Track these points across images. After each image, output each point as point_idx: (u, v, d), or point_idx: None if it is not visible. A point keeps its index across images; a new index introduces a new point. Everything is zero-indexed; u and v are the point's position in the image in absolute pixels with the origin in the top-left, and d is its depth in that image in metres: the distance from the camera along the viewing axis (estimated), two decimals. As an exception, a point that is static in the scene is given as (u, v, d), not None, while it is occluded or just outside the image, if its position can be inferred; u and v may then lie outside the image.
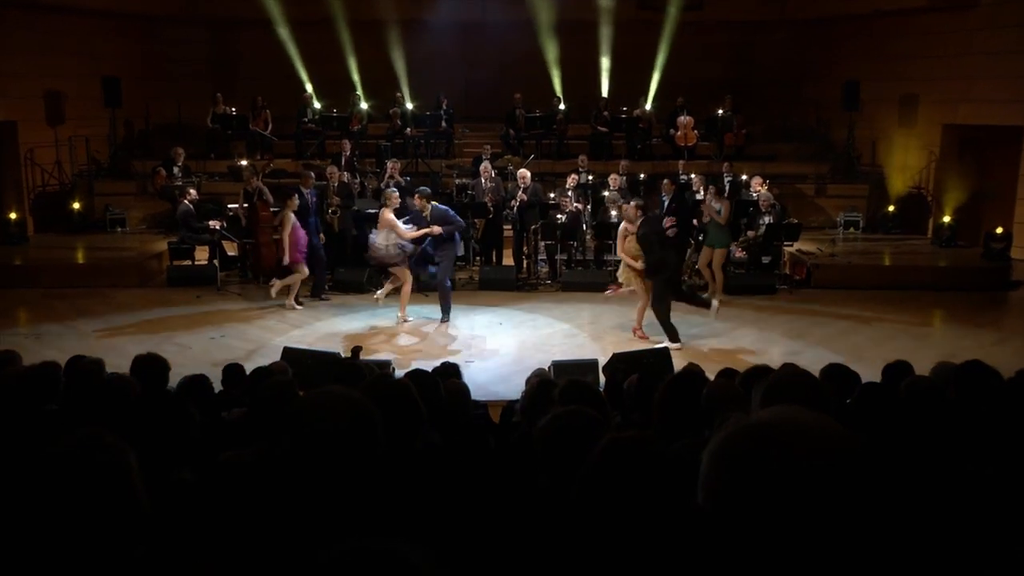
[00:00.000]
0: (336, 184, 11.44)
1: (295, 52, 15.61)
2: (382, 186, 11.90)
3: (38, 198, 14.08)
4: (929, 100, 14.12)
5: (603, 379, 6.53)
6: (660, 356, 7.26)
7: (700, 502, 1.13)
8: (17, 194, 13.69)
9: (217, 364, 6.28)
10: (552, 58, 15.90)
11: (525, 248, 11.97)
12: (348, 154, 13.27)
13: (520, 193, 11.58)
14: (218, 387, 5.06)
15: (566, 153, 15.19)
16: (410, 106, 15.41)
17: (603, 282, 11.20)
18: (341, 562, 1.08)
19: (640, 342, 8.72)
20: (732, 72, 16.29)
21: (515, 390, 6.27)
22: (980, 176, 13.40)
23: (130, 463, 1.59)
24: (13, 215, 13.16)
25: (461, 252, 9.83)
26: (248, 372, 5.37)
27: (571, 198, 11.88)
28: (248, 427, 3.45)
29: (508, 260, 12.09)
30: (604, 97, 15.78)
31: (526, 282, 11.63)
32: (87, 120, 14.58)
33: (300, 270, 10.09)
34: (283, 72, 15.56)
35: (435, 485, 2.24)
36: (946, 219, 13.41)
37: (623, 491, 1.68)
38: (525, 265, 11.99)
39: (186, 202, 11.54)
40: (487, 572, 1.91)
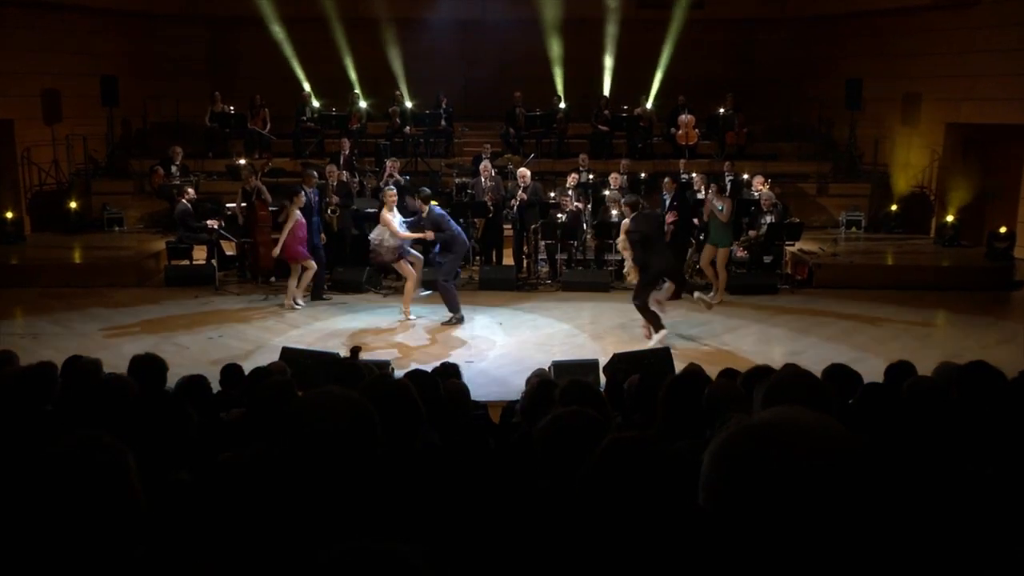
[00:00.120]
0: (335, 183, 11.44)
1: (294, 51, 15.60)
2: (381, 185, 11.91)
3: (35, 197, 14.08)
4: (932, 99, 14.12)
5: (604, 379, 6.53)
6: (661, 356, 7.25)
7: (701, 503, 1.14)
8: (14, 193, 13.68)
9: (215, 364, 6.28)
10: (552, 56, 15.89)
11: (525, 248, 11.96)
12: (347, 153, 13.26)
13: (520, 192, 11.58)
14: (216, 387, 5.06)
15: (566, 152, 15.19)
16: (409, 105, 15.40)
17: (604, 282, 11.23)
18: (340, 563, 1.09)
19: (648, 342, 8.66)
20: (733, 70, 16.28)
21: (515, 390, 6.28)
22: (983, 175, 13.39)
23: (128, 464, 1.59)
24: (10, 214, 13.16)
25: (466, 249, 9.76)
26: (246, 372, 5.38)
27: (571, 197, 11.88)
28: (246, 428, 3.45)
29: (508, 260, 12.09)
30: (605, 96, 15.78)
31: (526, 282, 11.62)
32: (84, 119, 14.58)
33: (309, 265, 10.11)
34: (282, 71, 15.56)
35: (434, 486, 2.24)
36: (949, 218, 13.41)
37: (624, 492, 1.68)
38: (525, 265, 11.99)
39: (184, 201, 11.55)
40: (487, 573, 1.91)
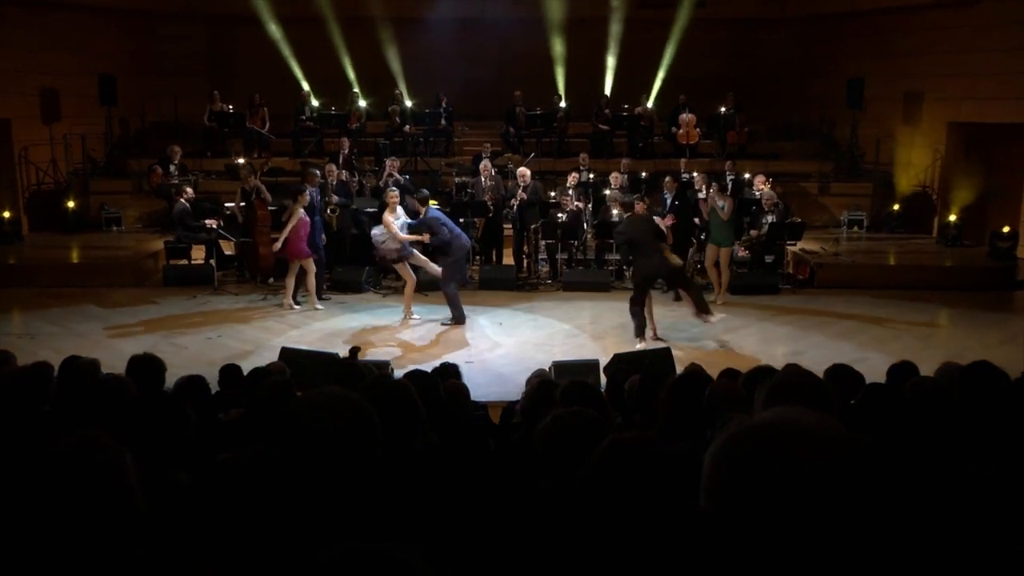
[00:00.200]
0: (334, 183, 11.44)
1: (293, 49, 15.59)
2: (380, 184, 11.91)
3: (33, 197, 14.08)
4: (934, 97, 14.11)
5: (604, 380, 6.53)
6: (662, 357, 7.25)
7: (702, 504, 1.14)
8: (11, 193, 13.68)
9: (214, 364, 6.28)
10: (552, 55, 15.89)
11: (525, 247, 11.97)
12: (346, 152, 13.26)
13: (520, 192, 11.58)
14: (215, 388, 5.06)
15: (567, 151, 15.19)
16: (409, 104, 15.39)
17: (604, 282, 11.22)
18: (338, 564, 1.09)
19: (656, 343, 8.59)
20: (734, 69, 16.27)
21: (515, 391, 6.27)
22: (986, 174, 13.39)
23: (126, 464, 1.59)
24: (7, 214, 13.15)
25: (465, 251, 9.70)
26: (245, 373, 5.38)
27: (572, 197, 11.87)
28: (245, 428, 3.45)
29: (508, 259, 12.09)
30: (605, 95, 15.77)
31: (526, 282, 11.62)
32: (83, 118, 14.58)
33: (309, 266, 10.10)
34: (281, 70, 15.54)
35: (434, 487, 2.24)
36: (951, 218, 13.40)
37: (624, 493, 1.68)
38: (525, 264, 11.99)
39: (182, 201, 11.54)
40: (487, 574, 1.91)
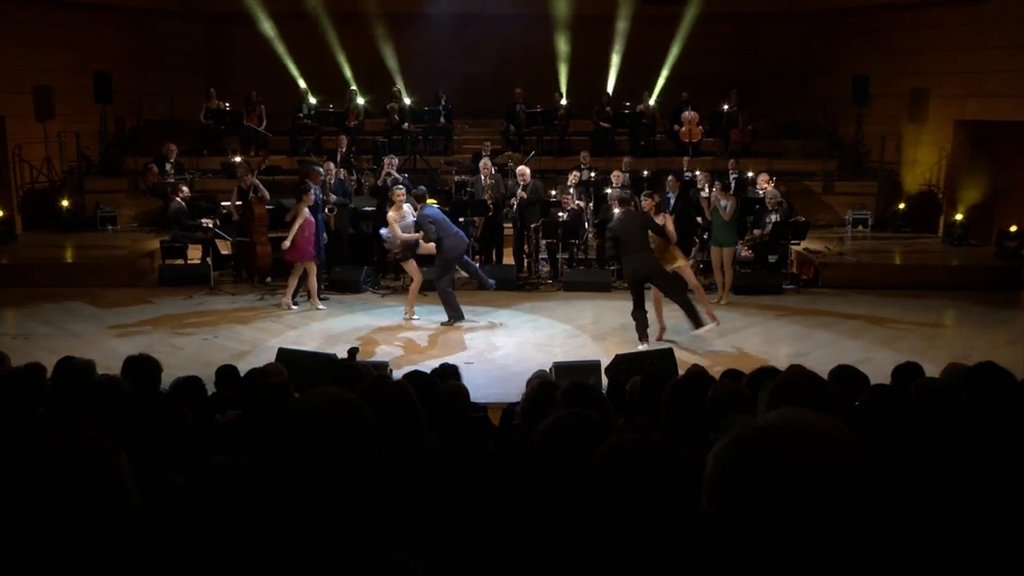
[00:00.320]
0: (332, 181, 11.44)
1: (290, 47, 15.58)
2: (379, 183, 11.91)
3: (27, 195, 14.07)
4: (940, 95, 14.09)
5: (606, 381, 6.54)
6: (664, 357, 7.26)
7: (705, 506, 1.13)
8: (5, 191, 13.66)
9: (210, 365, 6.28)
10: (553, 52, 15.88)
11: (526, 247, 11.96)
12: (344, 150, 13.26)
13: (520, 191, 11.57)
14: (211, 389, 5.07)
15: (568, 149, 15.18)
16: (408, 101, 15.39)
17: (606, 281, 11.22)
18: (337, 565, 1.09)
19: (659, 344, 8.59)
20: (738, 66, 16.27)
21: (515, 392, 6.27)
22: (993, 173, 13.38)
23: (122, 466, 1.59)
24: (1, 213, 13.16)
25: (461, 250, 9.62)
26: (242, 374, 5.38)
27: (573, 195, 11.87)
28: (242, 430, 3.45)
29: (508, 259, 12.09)
30: (607, 92, 15.77)
31: (527, 281, 11.62)
32: (77, 115, 14.57)
33: (311, 268, 10.11)
34: (278, 67, 15.54)
35: (433, 489, 2.24)
36: (958, 217, 13.39)
37: (625, 495, 1.68)
38: (526, 264, 11.99)
39: (178, 199, 11.54)
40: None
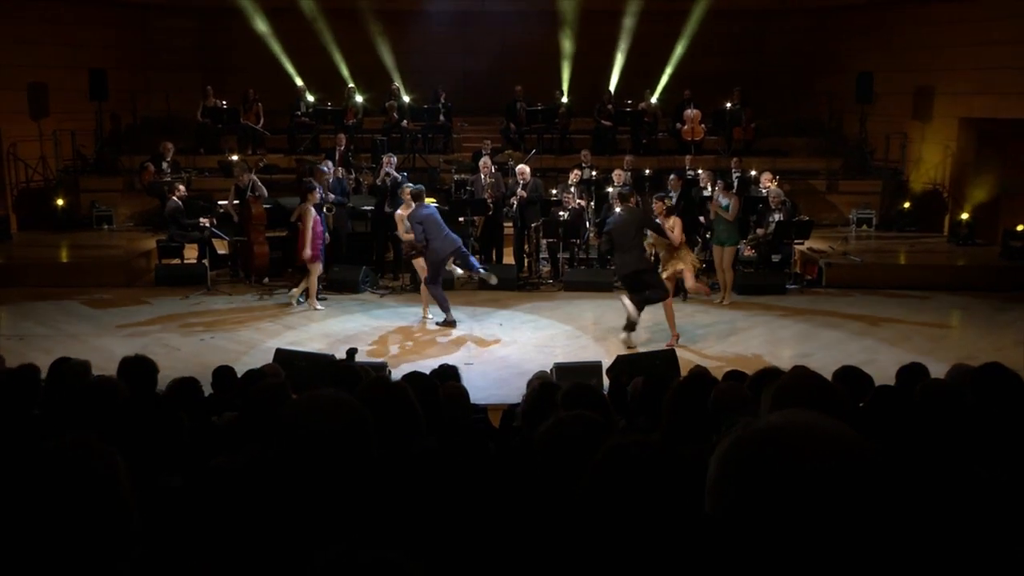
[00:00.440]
0: (331, 180, 11.43)
1: (288, 44, 15.58)
2: (378, 182, 11.90)
3: (21, 194, 14.08)
4: (945, 92, 14.10)
5: (607, 382, 6.54)
6: (666, 359, 7.26)
7: (707, 509, 1.14)
8: (-1, 190, 13.71)
9: (207, 366, 6.27)
10: (554, 49, 15.87)
11: (526, 246, 11.97)
12: (342, 149, 13.25)
13: (519, 190, 11.57)
14: (208, 390, 5.07)
15: (569, 148, 15.19)
16: (407, 99, 15.38)
17: (607, 281, 11.21)
18: (333, 569, 1.09)
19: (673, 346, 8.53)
20: (741, 64, 16.27)
21: (516, 393, 6.28)
22: (999, 172, 13.37)
23: (118, 468, 1.59)
24: (-5, 212, 13.19)
25: (449, 251, 9.46)
26: (239, 375, 5.38)
27: (574, 194, 11.88)
28: (239, 432, 3.45)
29: (509, 259, 12.09)
30: (608, 90, 15.76)
31: (527, 281, 11.62)
32: (72, 113, 14.58)
33: (315, 269, 10.14)
34: (276, 64, 15.54)
35: (432, 492, 2.24)
36: (963, 216, 13.39)
37: (626, 498, 1.68)
38: (526, 264, 11.99)
39: (175, 198, 11.54)
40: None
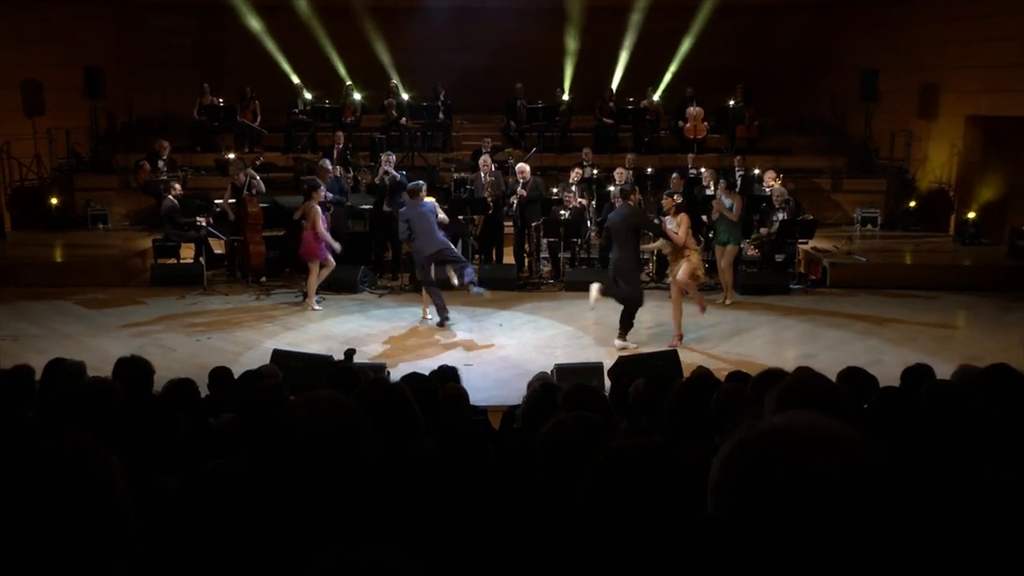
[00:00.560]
0: (329, 179, 11.43)
1: (285, 41, 15.58)
2: (376, 181, 11.90)
3: (15, 193, 14.08)
4: (951, 90, 14.09)
5: (608, 383, 6.53)
6: (668, 359, 7.26)
7: (710, 511, 1.14)
8: (-7, 189, 13.71)
9: (204, 367, 6.27)
10: (555, 46, 15.87)
11: (527, 245, 11.97)
12: (341, 147, 13.25)
13: (519, 189, 11.57)
14: (204, 391, 5.07)
15: (570, 146, 15.20)
16: (406, 97, 15.38)
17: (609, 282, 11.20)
18: (331, 571, 1.09)
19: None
20: (744, 61, 16.25)
21: (516, 395, 6.28)
22: (1006, 170, 13.37)
23: (114, 470, 1.59)
24: (-11, 211, 13.20)
25: (430, 252, 9.37)
26: (236, 376, 5.38)
27: (575, 193, 11.88)
28: (236, 433, 3.45)
29: (509, 258, 12.09)
30: (610, 88, 15.75)
31: (528, 281, 11.63)
32: (67, 111, 14.58)
33: (329, 265, 10.22)
34: (273, 62, 15.55)
35: (431, 494, 2.25)
36: (970, 215, 13.39)
37: (628, 500, 1.68)
38: (527, 263, 11.99)
39: (171, 197, 11.55)
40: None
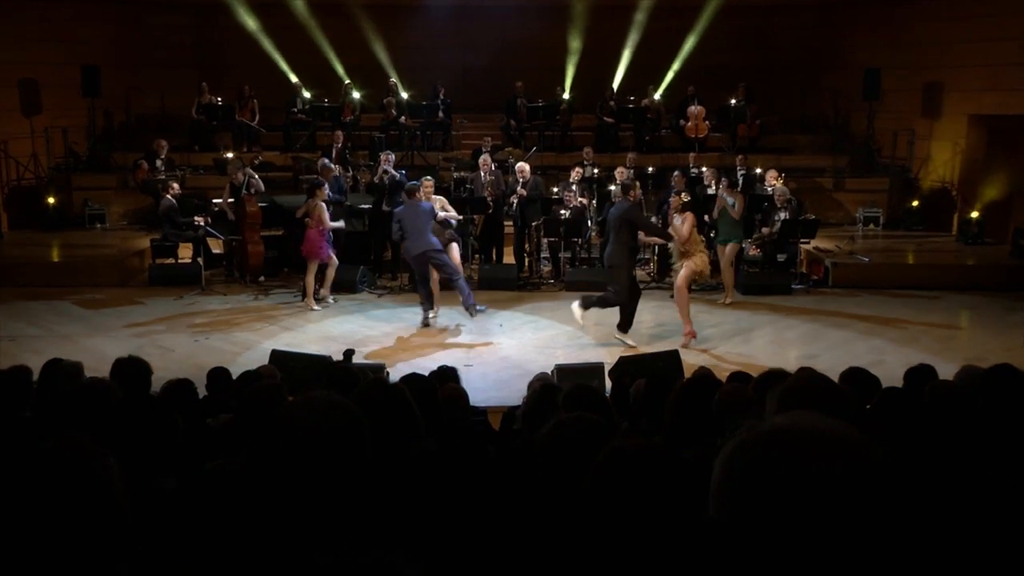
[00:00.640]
0: (331, 177, 11.43)
1: (283, 39, 15.57)
2: (376, 180, 11.90)
3: (12, 192, 14.07)
4: (954, 89, 14.09)
5: (609, 384, 6.54)
6: (669, 360, 7.26)
7: (712, 513, 1.14)
8: (-10, 188, 13.70)
9: (202, 368, 6.27)
10: (555, 45, 15.86)
11: (527, 245, 11.97)
12: (340, 146, 13.25)
13: (519, 188, 11.57)
14: (203, 392, 5.07)
15: (570, 145, 15.19)
16: (405, 95, 15.37)
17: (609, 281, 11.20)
18: (330, 572, 1.09)
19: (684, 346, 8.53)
20: (746, 59, 16.23)
21: (516, 395, 6.29)
22: (1009, 170, 13.37)
23: (112, 471, 1.59)
24: (-14, 210, 13.19)
25: (415, 253, 9.44)
26: (235, 376, 5.38)
27: (575, 192, 11.87)
28: (235, 434, 3.45)
29: (509, 258, 12.09)
30: (611, 87, 15.74)
31: (528, 281, 11.63)
32: (65, 110, 14.58)
33: (332, 263, 10.27)
34: (271, 60, 15.54)
35: (431, 495, 2.25)
36: (973, 215, 13.39)
37: (629, 501, 1.68)
38: (527, 263, 11.99)
39: (169, 197, 11.55)
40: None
